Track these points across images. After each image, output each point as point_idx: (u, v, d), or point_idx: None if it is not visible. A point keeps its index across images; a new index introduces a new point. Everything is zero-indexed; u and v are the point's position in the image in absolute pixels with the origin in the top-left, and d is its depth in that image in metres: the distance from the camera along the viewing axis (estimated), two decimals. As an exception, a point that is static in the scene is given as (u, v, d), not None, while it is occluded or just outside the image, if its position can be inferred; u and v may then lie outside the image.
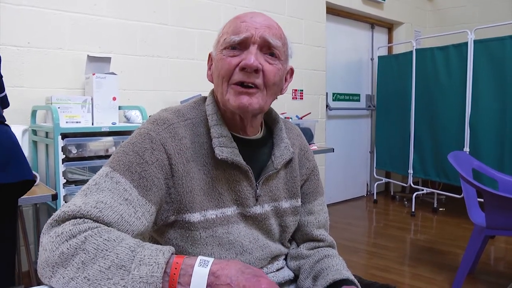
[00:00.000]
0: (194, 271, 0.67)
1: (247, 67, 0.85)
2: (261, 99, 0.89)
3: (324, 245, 1.06)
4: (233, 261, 0.70)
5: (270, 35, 0.88)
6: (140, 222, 0.79)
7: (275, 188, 0.99)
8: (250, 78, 0.87)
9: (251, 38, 0.87)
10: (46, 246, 0.72)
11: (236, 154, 0.90)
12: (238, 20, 0.90)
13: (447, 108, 4.03)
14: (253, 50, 0.87)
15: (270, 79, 0.89)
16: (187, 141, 0.89)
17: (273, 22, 0.92)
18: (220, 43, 0.91)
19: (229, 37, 0.88)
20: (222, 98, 0.90)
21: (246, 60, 0.85)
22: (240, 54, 0.88)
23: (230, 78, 0.88)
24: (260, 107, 0.90)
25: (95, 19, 2.71)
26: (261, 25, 0.88)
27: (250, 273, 0.68)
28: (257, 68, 0.86)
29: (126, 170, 0.82)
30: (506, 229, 2.29)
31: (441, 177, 4.17)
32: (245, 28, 0.88)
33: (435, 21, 5.59)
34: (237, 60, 0.87)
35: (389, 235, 3.65)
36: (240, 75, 0.87)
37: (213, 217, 0.90)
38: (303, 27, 4.08)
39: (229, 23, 0.92)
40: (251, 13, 0.92)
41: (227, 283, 0.66)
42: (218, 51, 0.91)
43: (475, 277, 2.70)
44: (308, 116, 3.85)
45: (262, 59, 0.88)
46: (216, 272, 0.67)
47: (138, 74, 2.93)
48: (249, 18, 0.90)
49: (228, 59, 0.88)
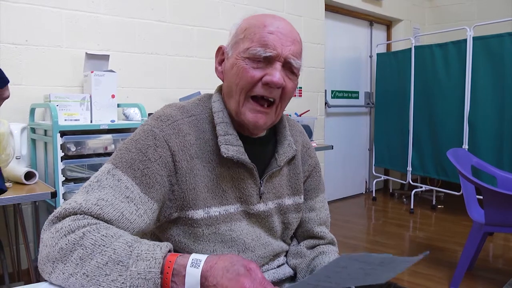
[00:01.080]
0: (187, 272, 0.67)
1: (272, 84, 0.86)
2: (274, 115, 0.92)
3: (324, 242, 1.06)
4: (223, 258, 0.69)
5: (294, 55, 0.88)
6: (141, 220, 0.79)
7: (279, 185, 0.99)
8: (272, 94, 0.87)
9: (277, 56, 0.86)
10: (47, 242, 0.72)
11: (242, 153, 0.90)
12: (265, 29, 0.87)
13: (446, 105, 4.03)
14: (278, 67, 0.86)
15: (288, 94, 0.90)
16: (192, 137, 0.89)
17: (295, 33, 0.91)
18: (241, 48, 0.88)
19: (254, 49, 0.86)
20: (237, 108, 0.89)
21: (272, 77, 0.85)
22: (264, 68, 0.86)
23: (250, 90, 0.87)
24: (272, 122, 0.93)
25: (93, 17, 2.70)
26: (286, 40, 0.87)
27: (234, 271, 0.66)
28: (282, 85, 0.87)
29: (129, 167, 0.82)
30: (505, 226, 2.30)
31: (440, 174, 4.17)
32: (273, 44, 0.85)
33: (434, 18, 5.59)
34: (261, 74, 0.86)
35: (388, 232, 3.65)
36: (262, 90, 0.87)
37: (216, 214, 0.89)
38: (302, 24, 4.07)
39: (254, 29, 0.88)
40: (275, 19, 0.89)
41: (214, 284, 0.66)
42: (239, 57, 0.88)
43: (474, 274, 2.71)
44: (307, 113, 3.85)
45: (284, 75, 0.88)
46: (206, 273, 0.67)
47: (136, 71, 2.93)
48: (275, 28, 0.87)
49: (251, 72, 0.86)
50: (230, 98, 0.91)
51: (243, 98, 0.88)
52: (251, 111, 0.88)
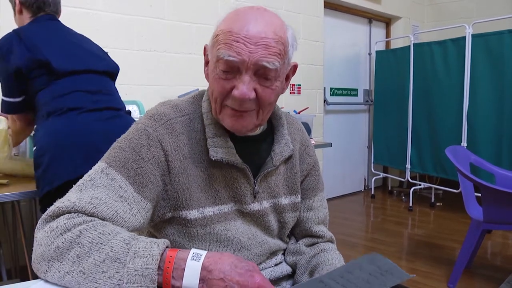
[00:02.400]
0: (187, 265, 0.67)
1: (238, 99, 0.81)
2: (256, 118, 0.87)
3: (323, 241, 1.06)
4: (226, 255, 0.70)
5: (266, 58, 0.80)
6: (135, 219, 0.79)
7: (274, 185, 0.98)
8: (242, 107, 0.83)
9: (243, 64, 0.80)
10: (41, 241, 0.72)
11: (232, 154, 0.88)
12: (232, 36, 0.80)
13: (445, 102, 4.03)
14: (245, 79, 0.80)
15: (265, 102, 0.85)
16: (184, 137, 0.88)
17: (271, 32, 0.81)
18: (213, 54, 0.84)
19: (220, 51, 0.81)
20: (216, 115, 0.88)
21: (238, 92, 0.80)
22: (232, 79, 0.82)
23: (223, 100, 0.85)
24: (256, 125, 0.89)
25: (91, 14, 2.69)
26: (256, 45, 0.79)
27: (244, 267, 0.67)
28: (249, 98, 0.82)
29: (122, 166, 0.81)
30: (503, 223, 2.30)
31: (439, 172, 4.17)
32: (238, 50, 0.79)
33: (433, 15, 5.58)
34: (230, 85, 0.82)
35: (387, 230, 3.66)
36: (233, 102, 0.83)
37: (210, 214, 0.89)
38: (301, 22, 4.06)
39: (222, 35, 0.82)
40: (246, 22, 0.81)
41: (220, 277, 0.66)
42: (212, 62, 0.85)
43: (472, 271, 2.71)
44: (305, 111, 3.85)
45: (256, 84, 0.82)
46: (208, 266, 0.67)
47: (135, 68, 2.92)
48: (243, 35, 0.79)
49: (221, 82, 0.83)
50: (212, 103, 0.89)
51: (219, 107, 0.86)
52: (228, 116, 0.85)
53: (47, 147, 1.61)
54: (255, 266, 0.70)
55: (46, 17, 1.84)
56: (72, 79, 1.74)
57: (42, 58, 1.67)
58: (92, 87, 1.79)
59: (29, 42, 1.68)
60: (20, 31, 1.72)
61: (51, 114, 1.66)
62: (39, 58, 1.66)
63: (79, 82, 1.76)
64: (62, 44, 1.79)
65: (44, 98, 1.68)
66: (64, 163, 1.57)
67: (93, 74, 1.82)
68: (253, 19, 0.81)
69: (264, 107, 0.86)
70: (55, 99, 1.67)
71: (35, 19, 1.82)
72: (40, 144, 1.64)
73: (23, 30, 1.73)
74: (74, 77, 1.75)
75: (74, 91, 1.72)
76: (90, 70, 1.81)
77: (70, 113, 1.68)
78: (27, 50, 1.66)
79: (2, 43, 1.69)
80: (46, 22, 1.83)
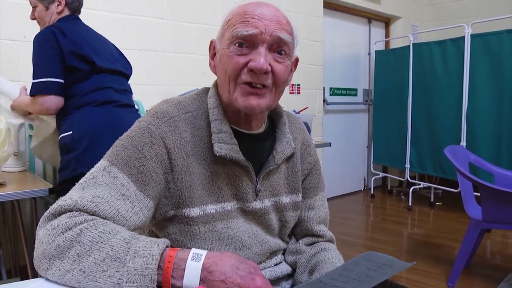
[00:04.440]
0: (187, 266, 0.67)
1: (256, 70, 0.82)
2: (269, 98, 0.87)
3: (323, 240, 1.06)
4: (227, 255, 0.69)
5: (281, 31, 0.84)
6: (137, 217, 0.79)
7: (276, 183, 0.98)
8: (259, 79, 0.84)
9: (260, 36, 0.83)
10: (43, 239, 0.72)
11: (236, 151, 0.88)
12: (247, 14, 0.84)
13: (444, 102, 4.03)
14: (262, 51, 0.83)
15: (280, 78, 0.86)
16: (187, 134, 0.88)
17: (281, 15, 0.88)
18: (226, 37, 0.87)
19: (236, 30, 0.84)
20: (229, 96, 0.87)
21: (255, 63, 0.82)
22: (248, 54, 0.84)
23: (237, 77, 0.85)
24: (268, 106, 0.88)
25: (91, 13, 2.69)
26: (270, 21, 0.84)
27: (245, 269, 0.67)
28: (267, 71, 0.83)
29: (125, 164, 0.81)
30: (502, 222, 2.30)
31: (438, 172, 4.18)
32: (254, 24, 0.83)
33: (432, 15, 5.59)
34: (245, 60, 0.84)
35: (386, 229, 3.66)
36: (248, 76, 0.84)
37: (212, 212, 0.89)
38: (300, 22, 4.06)
39: (237, 16, 0.86)
40: (258, 5, 0.87)
41: (221, 279, 0.65)
42: (224, 45, 0.87)
43: (471, 270, 2.72)
44: (305, 110, 3.85)
45: (271, 59, 0.84)
46: (209, 267, 0.67)
47: (135, 68, 2.90)
48: (257, 13, 0.84)
49: (235, 58, 0.84)
50: (223, 89, 0.89)
51: (233, 86, 0.85)
52: (242, 94, 0.85)
53: (85, 133, 1.78)
54: (256, 267, 0.69)
55: (74, 17, 2.00)
56: (106, 77, 1.92)
57: (85, 54, 1.83)
58: (120, 86, 2.00)
59: (72, 37, 1.82)
60: (62, 28, 1.83)
61: (86, 104, 1.82)
62: (82, 54, 1.82)
63: (110, 80, 1.94)
64: (95, 43, 1.95)
65: (82, 90, 1.83)
66: (102, 150, 1.66)
67: (119, 75, 2.03)
68: (263, 4, 0.87)
69: (278, 84, 0.87)
70: (92, 92, 1.84)
71: (65, 17, 1.96)
72: (77, 129, 1.79)
73: (64, 27, 1.84)
74: (107, 75, 1.93)
75: (108, 87, 1.91)
76: (117, 71, 2.01)
77: (107, 105, 1.87)
78: (72, 44, 1.80)
79: (47, 33, 1.80)
80: (76, 21, 1.99)
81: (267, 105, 0.88)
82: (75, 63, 1.81)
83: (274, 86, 0.87)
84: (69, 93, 1.83)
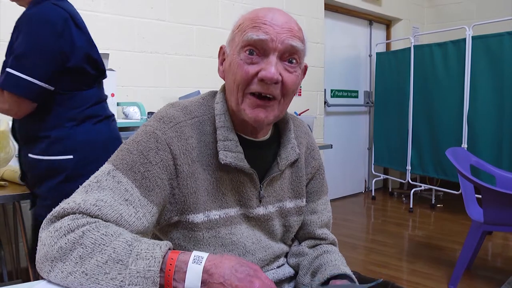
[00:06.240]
0: (189, 268, 0.67)
1: (267, 79, 0.81)
2: (277, 110, 0.86)
3: (325, 243, 1.06)
4: (228, 257, 0.69)
5: (292, 39, 0.83)
6: (140, 223, 0.79)
7: (280, 189, 0.97)
8: (268, 90, 0.82)
9: (271, 44, 0.81)
10: (45, 241, 0.72)
11: (241, 159, 0.88)
12: (258, 19, 0.83)
13: (445, 104, 4.03)
14: (273, 60, 0.81)
15: (290, 88, 0.85)
16: (194, 140, 0.87)
17: (293, 21, 0.86)
18: (237, 42, 0.85)
19: (247, 35, 0.82)
20: (237, 106, 0.86)
21: (266, 72, 0.80)
22: (259, 62, 0.82)
23: (246, 86, 0.83)
24: (276, 118, 0.88)
25: (93, 15, 2.69)
26: (282, 28, 0.82)
27: (244, 272, 0.67)
28: (277, 81, 0.82)
29: (129, 169, 0.80)
30: (504, 224, 2.30)
31: (439, 174, 4.17)
32: (265, 30, 0.81)
33: (433, 17, 5.59)
34: (256, 69, 0.82)
35: (387, 231, 3.66)
36: (258, 86, 0.82)
37: (216, 217, 0.88)
38: (302, 24, 4.02)
39: (248, 21, 0.84)
40: (269, 11, 0.85)
41: (220, 282, 0.66)
42: (235, 52, 0.85)
43: (473, 273, 2.71)
44: (306, 112, 3.85)
45: (281, 68, 0.83)
46: (210, 269, 0.67)
47: (136, 70, 2.93)
48: (269, 18, 0.83)
49: (245, 67, 0.82)
50: (231, 96, 0.88)
51: (242, 95, 0.84)
52: (250, 106, 0.84)
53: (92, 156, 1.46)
54: (257, 269, 0.69)
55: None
56: (101, 85, 1.62)
57: (98, 58, 1.52)
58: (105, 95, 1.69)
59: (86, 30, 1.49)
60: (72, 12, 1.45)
61: (89, 118, 1.50)
62: (96, 58, 1.52)
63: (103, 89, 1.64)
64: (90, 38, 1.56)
65: (87, 100, 1.50)
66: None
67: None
68: (274, 11, 0.86)
69: (287, 95, 0.86)
70: (95, 104, 1.53)
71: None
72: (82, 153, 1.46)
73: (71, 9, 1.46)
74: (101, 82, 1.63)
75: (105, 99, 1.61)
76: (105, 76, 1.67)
77: (107, 121, 1.57)
78: (87, 42, 1.48)
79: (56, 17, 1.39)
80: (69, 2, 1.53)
81: (275, 117, 0.87)
82: (85, 65, 1.48)
83: (283, 96, 0.86)
84: (69, 102, 1.46)
